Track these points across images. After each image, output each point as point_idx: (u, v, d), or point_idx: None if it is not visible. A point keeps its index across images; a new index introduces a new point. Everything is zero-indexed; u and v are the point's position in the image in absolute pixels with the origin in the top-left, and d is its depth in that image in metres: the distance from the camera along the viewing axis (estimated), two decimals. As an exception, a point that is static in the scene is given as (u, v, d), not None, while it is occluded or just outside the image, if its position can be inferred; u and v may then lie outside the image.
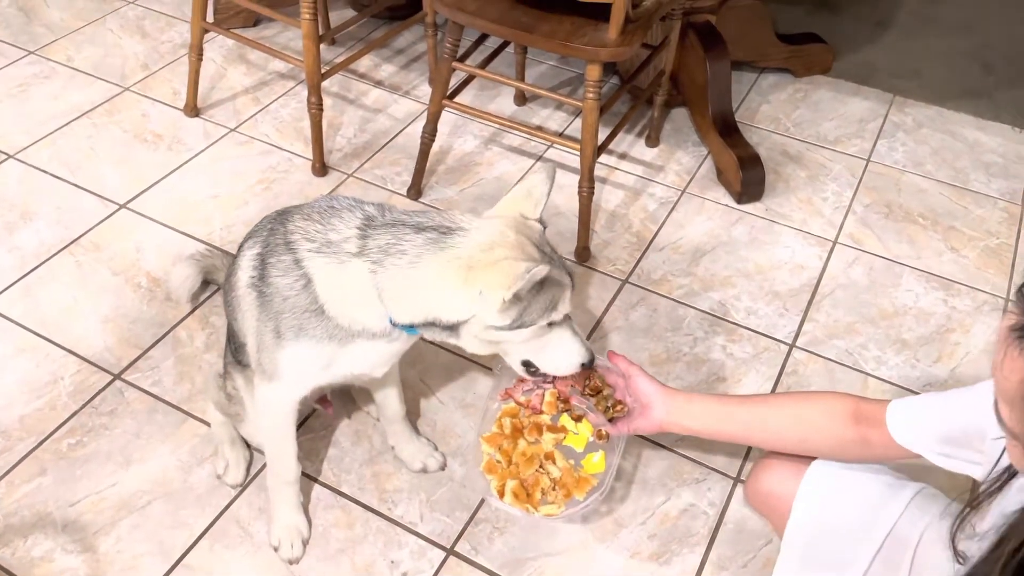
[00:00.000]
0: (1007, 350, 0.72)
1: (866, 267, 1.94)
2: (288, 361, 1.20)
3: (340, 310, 1.15)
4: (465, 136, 2.26)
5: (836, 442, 1.14)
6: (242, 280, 1.22)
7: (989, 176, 2.19)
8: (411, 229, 1.11)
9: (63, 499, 1.43)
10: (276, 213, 1.26)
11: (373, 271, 1.11)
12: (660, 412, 1.24)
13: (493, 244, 1.09)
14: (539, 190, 1.17)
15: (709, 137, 2.18)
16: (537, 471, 1.26)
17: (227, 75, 2.43)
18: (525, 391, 1.33)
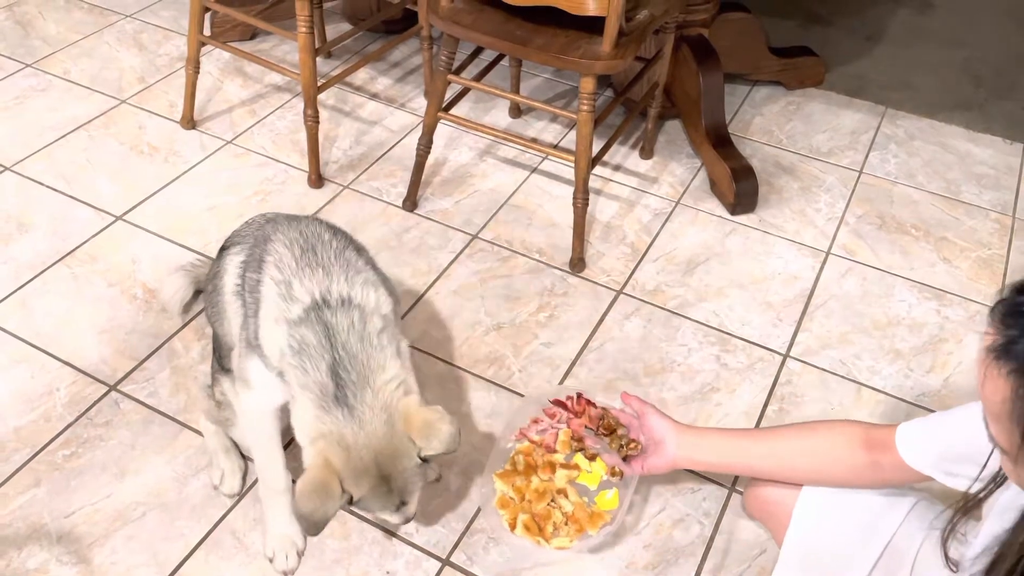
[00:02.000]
0: (987, 371, 0.74)
1: (859, 278, 1.95)
2: (252, 372, 1.22)
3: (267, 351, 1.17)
4: (460, 148, 2.27)
5: (849, 470, 1.14)
6: (227, 286, 1.24)
7: (980, 188, 2.21)
8: (328, 362, 1.10)
9: (58, 510, 1.43)
10: (262, 220, 1.28)
11: (283, 353, 1.13)
12: (673, 449, 1.25)
13: (346, 448, 1.10)
14: (436, 443, 1.14)
15: (703, 149, 2.20)
16: (549, 505, 1.27)
17: (224, 88, 2.45)
18: (539, 430, 1.34)
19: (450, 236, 2.01)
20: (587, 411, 1.35)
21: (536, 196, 2.13)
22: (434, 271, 1.92)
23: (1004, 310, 0.74)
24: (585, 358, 1.74)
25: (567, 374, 1.70)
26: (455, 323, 1.80)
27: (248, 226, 1.31)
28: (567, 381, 1.69)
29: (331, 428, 1.11)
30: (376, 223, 2.04)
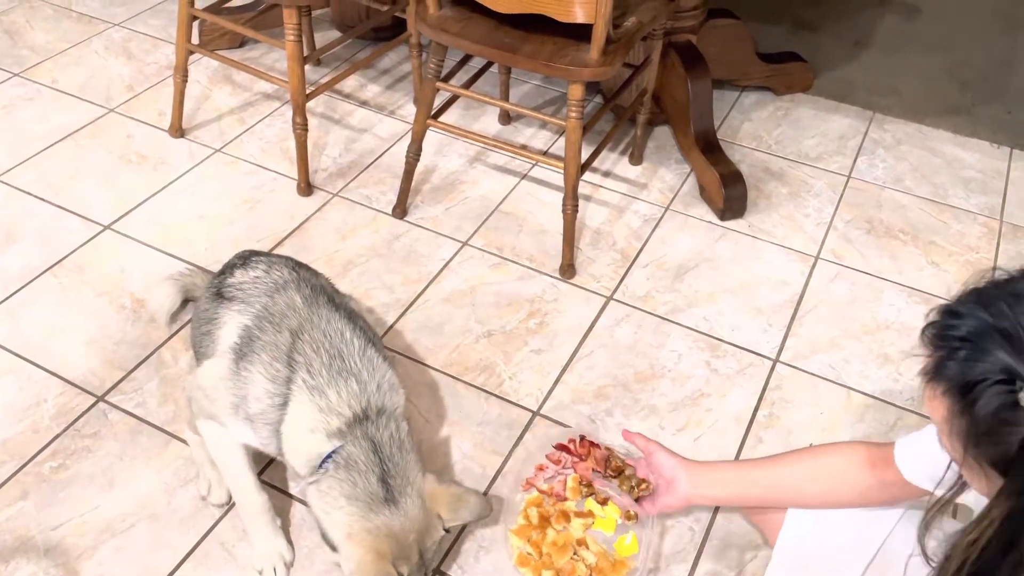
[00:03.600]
0: (926, 391, 0.77)
1: (848, 282, 1.96)
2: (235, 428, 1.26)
3: (288, 451, 1.22)
4: (450, 155, 2.27)
5: (857, 491, 1.15)
6: (225, 339, 1.26)
7: (968, 192, 2.22)
8: (378, 475, 1.17)
9: (45, 523, 1.42)
10: (273, 284, 1.30)
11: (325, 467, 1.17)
12: (685, 486, 1.25)
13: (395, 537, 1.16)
14: (464, 513, 1.23)
15: (691, 155, 2.20)
16: (572, 559, 1.27)
17: (212, 96, 2.44)
18: (546, 478, 1.34)
19: (440, 243, 2.01)
20: (592, 453, 1.35)
21: (526, 203, 2.14)
22: (424, 278, 1.92)
23: (934, 332, 0.76)
24: (575, 365, 1.74)
25: (557, 381, 1.70)
26: (445, 330, 1.80)
27: (254, 283, 1.31)
28: (557, 388, 1.69)
29: (379, 523, 1.16)
30: (366, 231, 2.03)
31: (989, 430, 0.70)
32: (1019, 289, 0.71)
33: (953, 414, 0.73)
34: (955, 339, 0.72)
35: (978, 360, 0.70)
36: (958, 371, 0.72)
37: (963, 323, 0.72)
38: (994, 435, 0.70)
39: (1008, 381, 0.68)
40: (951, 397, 0.73)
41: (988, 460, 0.72)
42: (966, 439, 0.73)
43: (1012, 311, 0.69)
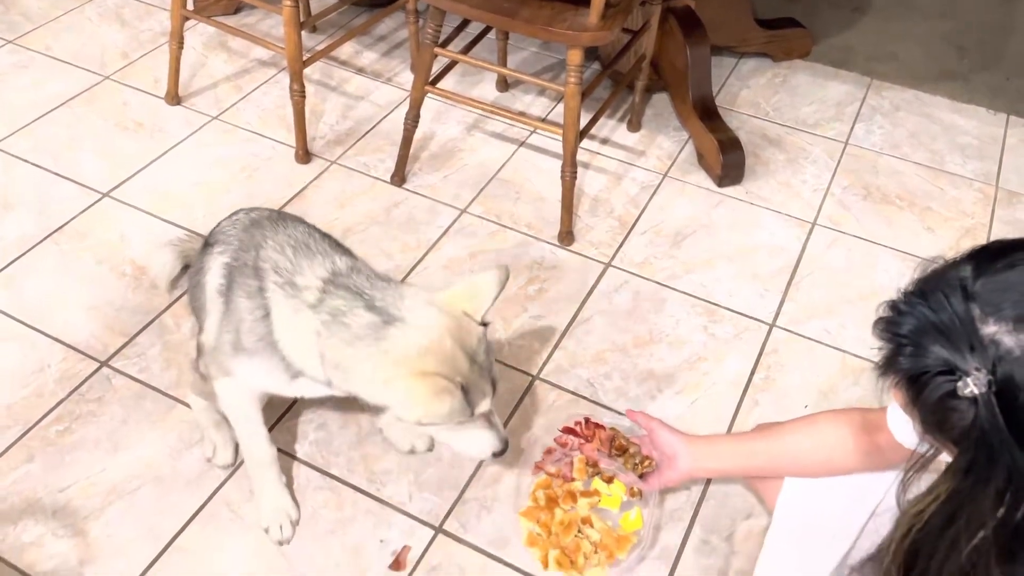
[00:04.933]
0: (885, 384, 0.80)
1: (844, 248, 1.97)
2: (244, 370, 1.25)
3: (289, 352, 1.19)
4: (448, 122, 2.27)
5: (856, 457, 1.17)
6: (211, 284, 1.26)
7: (965, 158, 2.23)
8: (363, 304, 1.13)
9: (52, 485, 1.44)
10: (249, 221, 1.29)
11: (318, 332, 1.14)
12: (686, 461, 1.28)
13: (427, 350, 1.10)
14: (486, 293, 1.18)
15: (690, 122, 2.20)
16: (576, 536, 1.30)
17: (208, 63, 2.43)
18: (554, 461, 1.36)
19: (439, 211, 2.02)
20: (597, 434, 1.37)
21: (524, 170, 2.14)
22: (423, 246, 1.92)
23: (882, 328, 0.79)
24: (574, 331, 1.75)
25: (556, 346, 1.72)
26: (445, 296, 1.81)
27: (233, 225, 1.31)
28: (556, 353, 1.71)
29: (397, 346, 1.10)
30: (364, 198, 2.04)
31: (938, 417, 0.74)
32: (955, 277, 0.74)
33: (907, 402, 0.78)
34: (899, 336, 0.76)
35: (920, 356, 0.74)
36: (906, 365, 0.76)
37: (905, 320, 0.76)
38: (943, 421, 0.74)
39: (949, 371, 0.72)
40: (903, 388, 0.77)
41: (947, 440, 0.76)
42: (923, 424, 0.78)
43: (949, 301, 0.72)
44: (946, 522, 0.75)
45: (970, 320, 0.71)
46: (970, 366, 0.70)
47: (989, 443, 0.70)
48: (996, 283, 0.72)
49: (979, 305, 0.71)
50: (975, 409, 0.70)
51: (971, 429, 0.71)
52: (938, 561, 0.76)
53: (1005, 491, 0.71)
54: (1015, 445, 0.68)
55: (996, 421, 0.69)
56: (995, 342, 0.70)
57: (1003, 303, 0.70)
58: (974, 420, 0.70)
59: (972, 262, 0.75)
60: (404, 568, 1.36)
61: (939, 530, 0.76)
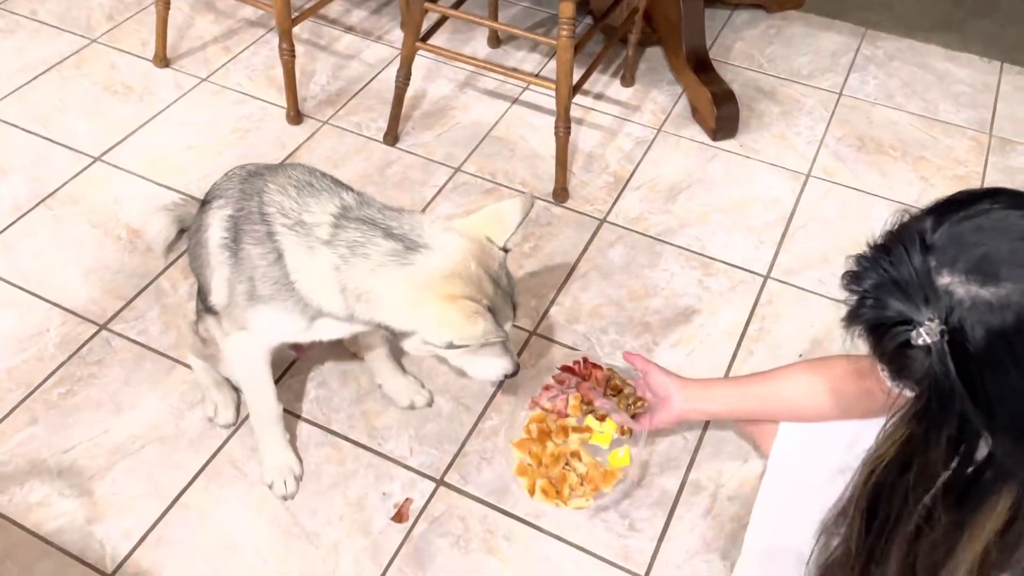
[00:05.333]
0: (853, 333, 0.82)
1: (838, 199, 1.98)
2: (260, 321, 1.24)
3: (307, 291, 1.19)
4: (439, 80, 2.25)
5: (848, 401, 1.19)
6: (213, 239, 1.25)
7: (958, 106, 2.23)
8: (381, 233, 1.14)
9: (56, 446, 1.46)
10: (246, 173, 1.28)
11: (337, 266, 1.14)
12: (679, 402, 1.30)
13: (453, 273, 1.11)
14: (510, 219, 1.19)
15: (683, 75, 2.19)
16: (564, 468, 1.32)
17: (196, 24, 2.40)
18: (550, 398, 1.38)
19: (432, 170, 2.01)
20: (593, 374, 1.39)
21: (518, 127, 2.13)
22: (417, 205, 1.92)
23: (848, 280, 0.82)
24: (570, 286, 1.76)
25: (552, 302, 1.73)
26: (441, 254, 1.81)
27: (229, 179, 1.30)
28: (552, 309, 1.72)
29: (422, 272, 1.11)
30: (357, 158, 2.03)
31: (898, 366, 0.78)
32: (916, 230, 0.77)
33: (872, 350, 0.81)
34: (862, 291, 0.79)
35: (880, 308, 0.77)
36: (868, 315, 0.79)
37: (868, 275, 0.79)
38: (902, 369, 0.78)
39: (906, 323, 0.74)
40: (865, 338, 0.81)
41: (910, 387, 0.78)
42: (887, 372, 0.81)
43: (908, 254, 0.75)
44: (902, 466, 0.78)
45: (926, 272, 0.74)
46: (924, 317, 0.73)
47: (941, 390, 0.73)
48: (952, 235, 0.74)
49: (936, 257, 0.74)
50: (929, 358, 0.72)
51: (925, 376, 0.74)
52: (896, 506, 0.79)
53: (958, 439, 0.73)
54: (965, 393, 0.71)
55: (947, 369, 0.72)
56: (948, 292, 0.72)
57: (958, 255, 0.73)
58: (928, 368, 0.73)
59: (933, 214, 0.78)
60: (407, 520, 1.39)
61: (896, 474, 0.79)
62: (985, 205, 0.75)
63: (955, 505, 0.76)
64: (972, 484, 0.75)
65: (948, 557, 0.78)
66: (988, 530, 0.76)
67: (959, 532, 0.77)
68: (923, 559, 0.80)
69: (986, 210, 0.74)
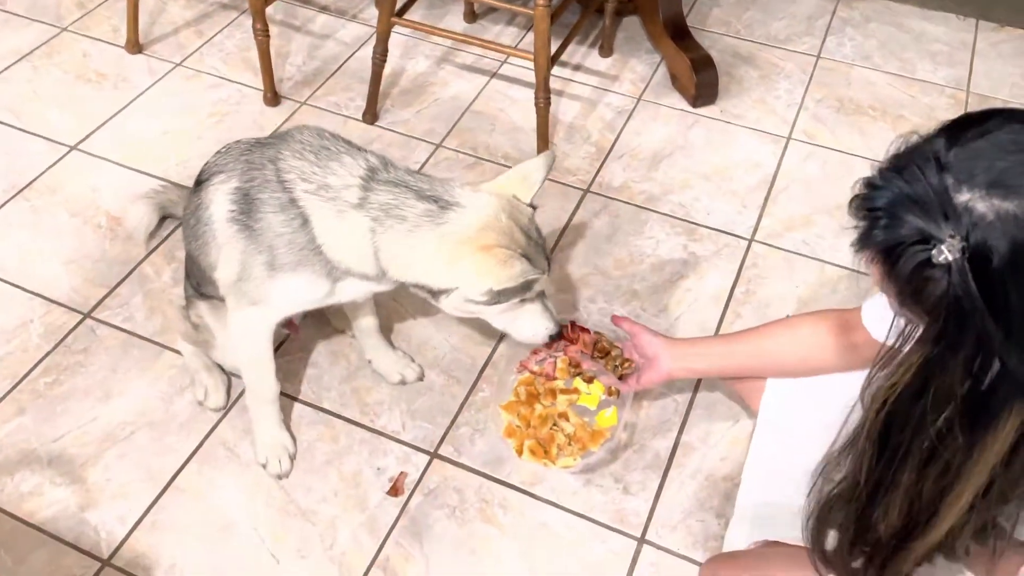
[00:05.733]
0: (861, 259, 0.81)
1: (820, 161, 1.98)
2: (280, 291, 1.23)
3: (336, 254, 1.19)
4: (416, 57, 2.24)
5: (833, 355, 1.20)
6: (218, 215, 1.23)
7: (935, 65, 2.23)
8: (413, 195, 1.15)
9: (46, 436, 1.45)
10: (246, 146, 1.26)
11: (373, 229, 1.15)
12: (666, 362, 1.30)
13: (486, 226, 1.14)
14: (535, 176, 1.23)
15: (662, 43, 2.18)
16: (551, 429, 1.33)
17: (167, 9, 2.36)
18: (538, 361, 1.39)
19: (414, 147, 2.00)
20: (581, 337, 1.40)
21: (497, 101, 2.12)
22: (400, 181, 1.91)
23: (858, 204, 0.80)
24: (556, 257, 1.76)
25: (539, 272, 1.73)
26: (425, 230, 1.80)
27: (226, 154, 1.27)
28: (540, 279, 1.72)
29: (456, 229, 1.14)
30: (338, 137, 2.01)
31: (913, 287, 0.75)
32: (929, 150, 0.74)
33: (883, 277, 0.78)
34: (875, 210, 0.76)
35: (896, 227, 0.74)
36: (882, 238, 0.76)
37: (880, 194, 0.76)
38: (918, 291, 0.75)
39: (924, 241, 0.72)
40: (879, 262, 0.78)
41: (921, 312, 0.76)
42: (898, 297, 0.78)
43: (923, 173, 0.73)
44: (918, 392, 0.77)
45: (944, 189, 0.71)
46: (944, 234, 0.71)
47: (961, 309, 0.71)
48: (968, 152, 0.72)
49: (952, 175, 0.72)
50: (948, 276, 0.71)
51: (944, 297, 0.72)
52: (909, 433, 0.79)
53: (974, 358, 0.72)
54: (986, 311, 0.70)
55: (968, 287, 0.70)
56: (968, 209, 0.70)
57: (976, 170, 0.71)
58: (947, 287, 0.71)
59: (944, 135, 0.75)
60: (402, 493, 1.39)
61: (911, 400, 0.78)
62: (998, 121, 0.73)
63: (966, 426, 0.75)
64: (983, 404, 0.74)
65: (955, 482, 0.78)
66: (995, 451, 0.75)
67: (967, 455, 0.76)
68: (930, 486, 0.80)
69: (999, 126, 0.73)
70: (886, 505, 0.82)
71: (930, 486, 0.79)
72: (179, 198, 1.69)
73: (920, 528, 0.82)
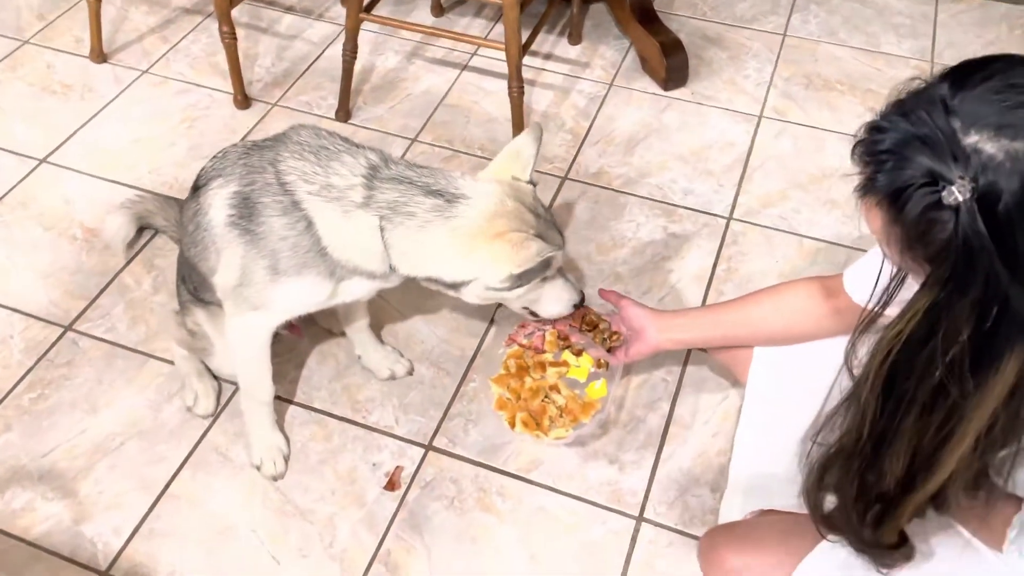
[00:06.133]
0: (861, 205, 0.80)
1: (791, 137, 2.01)
2: (283, 295, 1.22)
3: (343, 254, 1.18)
4: (386, 53, 2.23)
5: (816, 322, 1.21)
6: (217, 219, 1.21)
7: (899, 37, 2.27)
8: (420, 190, 1.15)
9: (34, 451, 1.43)
10: (243, 150, 1.24)
11: (381, 228, 1.15)
12: (653, 333, 1.31)
13: (495, 214, 1.15)
14: (527, 152, 1.23)
15: (630, 28, 2.19)
16: (543, 401, 1.34)
17: (129, 16, 2.33)
18: (527, 335, 1.39)
19: (389, 142, 1.99)
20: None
21: (470, 93, 2.12)
22: (377, 178, 1.90)
23: (863, 150, 0.79)
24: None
25: (522, 261, 1.73)
26: (406, 225, 1.80)
27: (223, 159, 1.26)
28: (523, 267, 1.72)
29: (467, 221, 1.14)
30: (312, 137, 2.00)
31: (920, 231, 0.74)
32: (934, 95, 0.74)
33: (888, 222, 0.77)
34: (881, 152, 0.76)
35: (903, 168, 0.74)
36: (887, 181, 0.75)
37: (887, 136, 0.75)
38: (924, 234, 0.74)
39: (932, 183, 0.72)
40: (884, 207, 0.77)
41: (924, 259, 0.76)
42: (901, 243, 0.77)
43: (930, 117, 0.72)
44: (924, 338, 0.77)
45: (952, 132, 0.71)
46: (954, 175, 0.70)
47: (970, 249, 0.71)
48: (975, 95, 0.72)
49: (960, 118, 0.71)
50: (956, 218, 0.71)
51: (952, 239, 0.71)
52: (914, 381, 0.79)
53: (980, 300, 0.72)
54: (995, 251, 0.70)
55: (978, 228, 0.69)
56: (977, 151, 0.70)
57: (982, 113, 0.70)
58: (955, 229, 0.71)
59: (948, 80, 0.74)
60: (399, 487, 1.39)
61: (918, 346, 0.77)
62: (1001, 65, 0.73)
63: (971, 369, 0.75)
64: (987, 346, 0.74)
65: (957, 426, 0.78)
66: (997, 393, 0.75)
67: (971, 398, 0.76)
68: (933, 432, 0.80)
69: (1004, 70, 0.72)
70: (891, 456, 0.83)
71: (933, 433, 0.80)
72: (156, 208, 1.67)
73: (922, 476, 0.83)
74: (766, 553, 1.07)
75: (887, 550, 0.92)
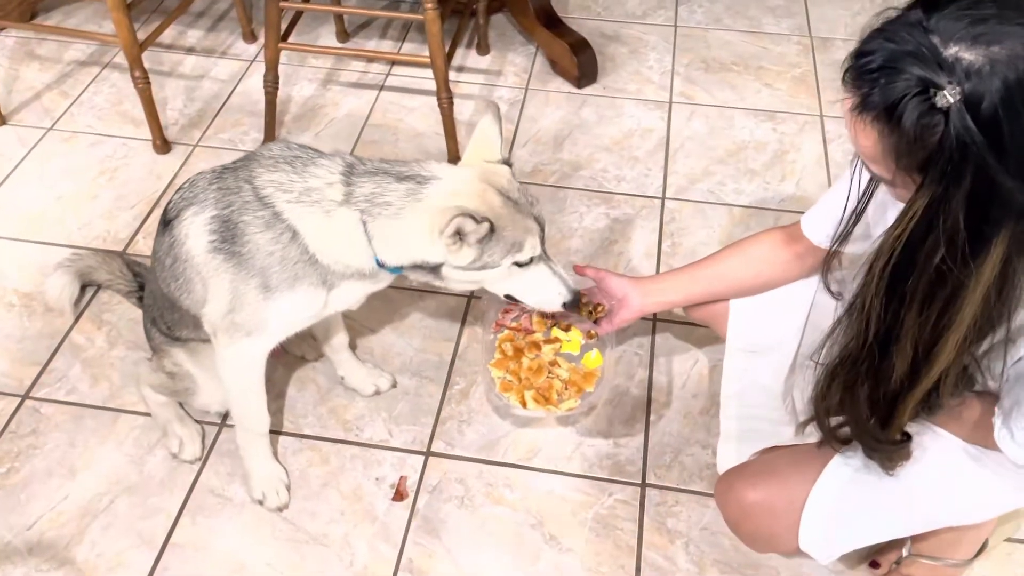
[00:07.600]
0: (855, 126, 0.88)
1: (703, 117, 2.14)
2: (279, 312, 1.20)
3: (332, 257, 1.18)
4: (299, 83, 2.23)
5: (782, 267, 1.31)
6: (197, 248, 1.19)
7: (777, 18, 2.46)
8: (393, 178, 1.16)
9: (17, 525, 1.35)
10: (213, 176, 1.22)
11: (363, 221, 1.15)
12: (636, 299, 1.37)
13: (456, 193, 1.15)
14: (491, 131, 1.23)
15: (536, 33, 2.28)
16: (548, 377, 1.38)
17: (21, 75, 2.24)
18: (513, 318, 1.43)
19: (321, 168, 1.99)
20: None
21: (393, 112, 2.15)
22: (318, 204, 1.90)
23: (853, 74, 0.87)
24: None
25: (479, 263, 1.78)
26: (357, 245, 1.81)
27: (192, 187, 1.23)
28: (481, 270, 1.76)
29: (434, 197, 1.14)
30: (242, 173, 1.98)
31: (915, 137, 0.83)
32: (911, 19, 0.84)
33: (883, 135, 0.86)
34: (873, 71, 0.84)
35: (896, 81, 0.82)
36: (882, 97, 0.83)
37: (875, 57, 0.84)
38: (919, 140, 0.83)
39: (923, 91, 0.81)
40: (879, 122, 0.85)
41: (916, 167, 0.86)
42: (896, 154, 0.85)
43: (912, 36, 0.82)
44: (923, 235, 0.86)
45: (933, 46, 0.80)
46: (943, 81, 0.79)
47: (963, 145, 0.79)
48: (947, 13, 0.81)
49: (938, 35, 0.80)
50: (947, 120, 0.79)
51: (945, 138, 0.80)
52: (916, 275, 0.88)
53: (973, 190, 0.81)
54: (984, 143, 0.78)
55: (967, 124, 0.78)
56: (959, 59, 0.79)
57: (958, 27, 0.80)
58: (947, 129, 0.79)
59: (920, 5, 0.83)
60: (407, 496, 1.40)
61: (919, 243, 0.86)
62: None
63: (967, 255, 0.83)
64: (978, 231, 0.83)
65: (956, 313, 0.87)
66: (988, 276, 0.85)
67: (967, 283, 0.84)
68: (934, 323, 0.88)
69: None
70: (898, 351, 0.91)
71: (933, 323, 0.88)
72: (97, 263, 1.62)
73: (925, 368, 0.91)
74: (781, 483, 1.15)
75: (893, 446, 1.01)
